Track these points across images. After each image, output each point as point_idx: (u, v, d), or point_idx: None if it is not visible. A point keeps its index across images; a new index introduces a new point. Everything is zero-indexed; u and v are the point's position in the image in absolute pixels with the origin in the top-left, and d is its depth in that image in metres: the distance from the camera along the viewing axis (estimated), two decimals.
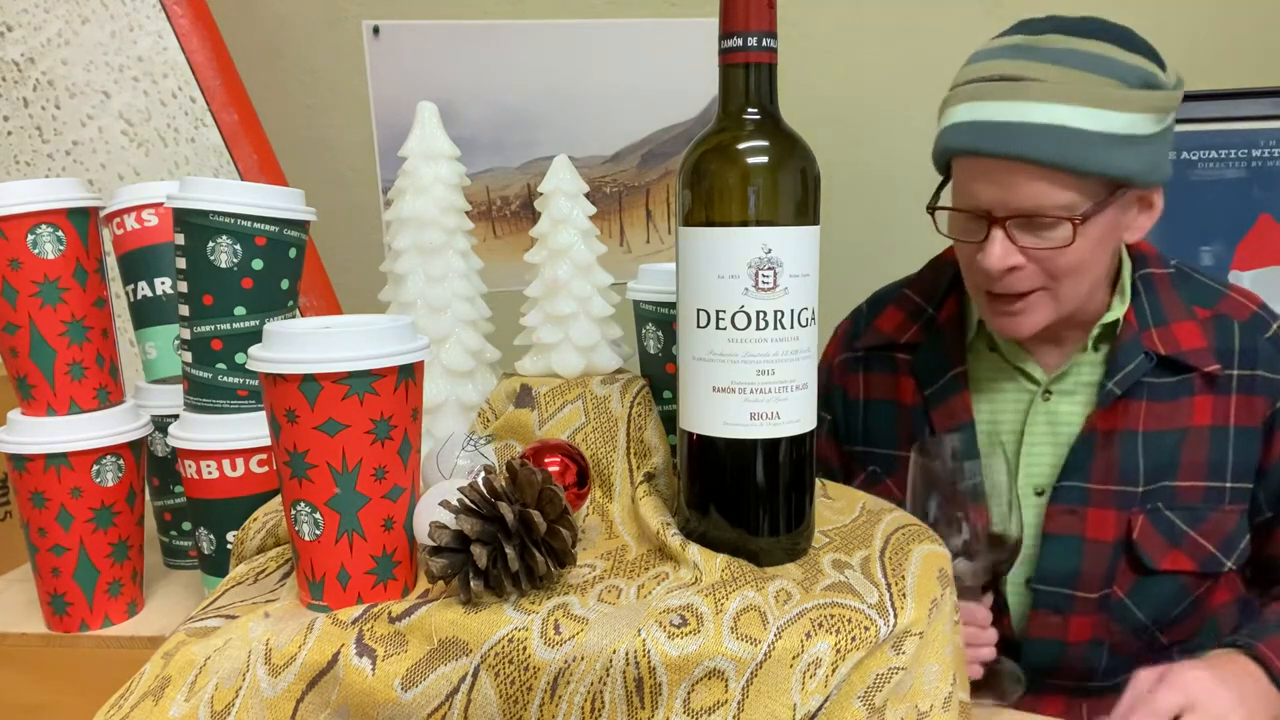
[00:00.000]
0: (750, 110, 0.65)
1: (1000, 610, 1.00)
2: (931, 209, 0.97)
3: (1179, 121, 1.62)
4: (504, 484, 0.62)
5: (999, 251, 0.90)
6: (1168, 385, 0.96)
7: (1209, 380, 0.96)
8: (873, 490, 1.00)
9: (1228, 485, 0.96)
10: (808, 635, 0.58)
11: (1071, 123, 0.86)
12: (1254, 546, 0.98)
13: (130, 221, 0.96)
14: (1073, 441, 0.98)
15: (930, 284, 1.10)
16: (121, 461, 0.87)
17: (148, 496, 0.98)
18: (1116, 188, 0.90)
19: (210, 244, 0.80)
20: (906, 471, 0.88)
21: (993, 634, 0.88)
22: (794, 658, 0.58)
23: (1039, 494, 0.99)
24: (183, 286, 0.82)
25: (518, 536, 0.61)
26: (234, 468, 0.83)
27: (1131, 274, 1.00)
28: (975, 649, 0.86)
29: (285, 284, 0.84)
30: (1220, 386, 0.96)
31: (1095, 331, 0.98)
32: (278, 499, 0.81)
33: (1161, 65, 0.91)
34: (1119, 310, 0.98)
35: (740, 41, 0.64)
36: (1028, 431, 1.00)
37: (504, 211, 1.84)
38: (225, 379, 0.83)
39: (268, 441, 0.78)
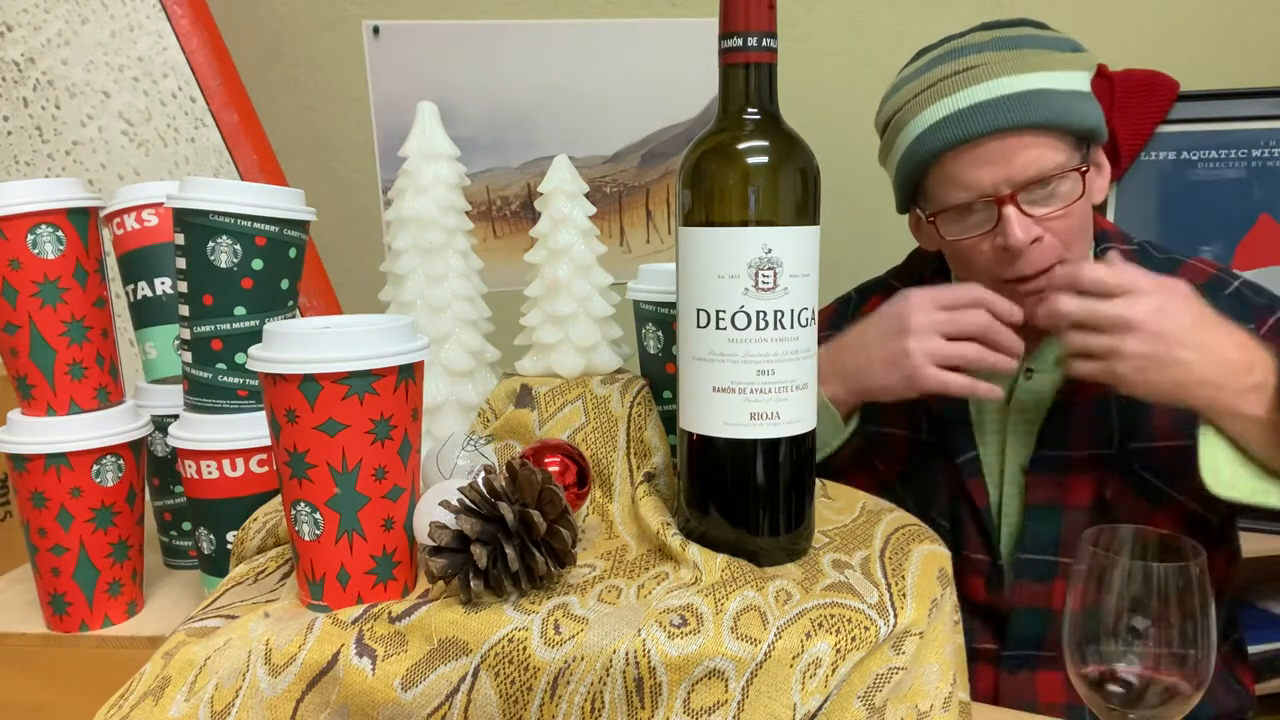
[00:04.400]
0: (750, 110, 0.65)
1: (997, 583, 1.01)
2: (931, 216, 0.97)
3: (1179, 121, 1.63)
4: (504, 484, 0.62)
5: (1019, 226, 0.91)
6: None
7: None
8: (860, 464, 1.02)
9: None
10: (808, 635, 0.58)
11: (1045, 85, 0.90)
12: None
13: (130, 221, 0.96)
14: (1048, 413, 1.00)
15: (914, 272, 1.13)
16: (121, 461, 0.87)
17: (148, 496, 0.98)
18: (1085, 144, 0.93)
19: (210, 244, 0.80)
20: (896, 448, 0.86)
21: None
22: (794, 658, 0.58)
23: (1026, 472, 1.01)
24: (183, 286, 0.82)
25: (518, 536, 0.61)
26: (234, 468, 0.83)
27: (1095, 251, 1.02)
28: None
29: (285, 284, 0.84)
30: None
31: None
32: (278, 499, 0.81)
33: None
34: None
35: (740, 41, 0.64)
36: (1012, 410, 1.03)
37: (504, 211, 1.84)
38: (225, 379, 0.83)
39: (268, 441, 0.78)
